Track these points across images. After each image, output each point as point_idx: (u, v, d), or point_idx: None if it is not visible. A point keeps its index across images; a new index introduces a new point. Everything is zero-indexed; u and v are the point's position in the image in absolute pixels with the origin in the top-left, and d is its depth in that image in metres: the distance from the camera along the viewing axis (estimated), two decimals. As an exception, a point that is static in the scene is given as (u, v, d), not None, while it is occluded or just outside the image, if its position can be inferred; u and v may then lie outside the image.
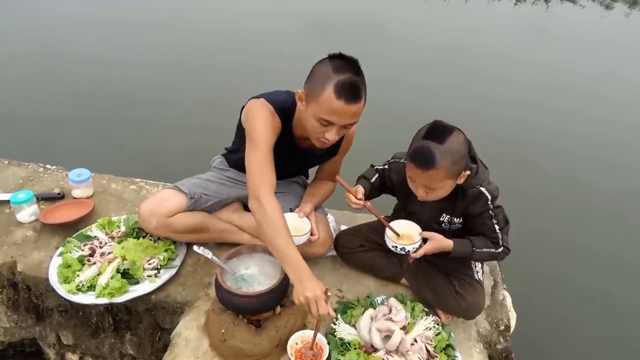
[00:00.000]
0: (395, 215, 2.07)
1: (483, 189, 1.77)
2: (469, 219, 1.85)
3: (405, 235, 1.87)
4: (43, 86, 4.82)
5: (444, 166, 1.62)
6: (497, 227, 1.82)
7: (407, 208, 1.96)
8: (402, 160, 1.94)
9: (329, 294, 1.62)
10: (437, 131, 1.65)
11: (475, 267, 1.97)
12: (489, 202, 1.78)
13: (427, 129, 1.67)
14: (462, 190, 1.78)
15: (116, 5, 6.90)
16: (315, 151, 1.98)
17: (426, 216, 1.90)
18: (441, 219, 1.88)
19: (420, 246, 1.82)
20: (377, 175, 2.00)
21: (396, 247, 1.83)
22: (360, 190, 1.89)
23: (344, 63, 1.71)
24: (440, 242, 1.82)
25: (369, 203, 1.87)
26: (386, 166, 2.00)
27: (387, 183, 2.00)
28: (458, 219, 1.87)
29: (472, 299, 1.87)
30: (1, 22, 6.02)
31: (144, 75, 5.16)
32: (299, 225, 1.95)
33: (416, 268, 2.03)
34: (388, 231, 1.86)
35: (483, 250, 1.83)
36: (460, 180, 1.73)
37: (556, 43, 7.38)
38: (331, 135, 1.76)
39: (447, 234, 1.87)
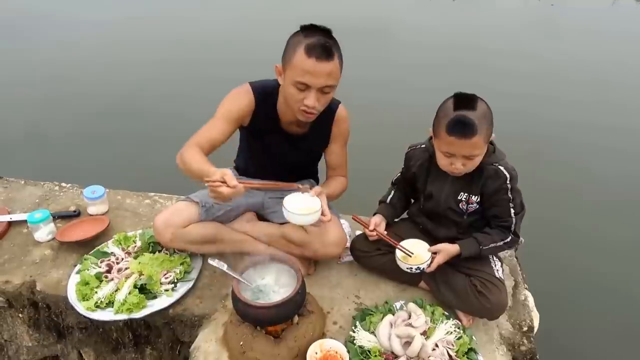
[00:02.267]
0: (412, 208, 2.09)
1: (500, 167, 1.79)
2: (485, 198, 1.85)
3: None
4: (54, 107, 4.90)
5: (483, 130, 1.66)
6: (512, 210, 1.82)
7: (427, 191, 1.95)
8: (419, 146, 1.98)
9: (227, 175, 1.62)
10: (465, 100, 1.69)
11: (495, 265, 1.94)
12: (507, 181, 1.79)
13: (454, 101, 1.69)
14: (478, 168, 1.80)
15: (124, 25, 6.98)
16: (306, 137, 1.98)
17: (444, 196, 1.90)
18: (459, 198, 1.88)
19: (433, 261, 1.87)
20: (393, 191, 2.08)
21: (411, 268, 1.87)
22: (373, 221, 1.97)
23: (315, 29, 1.78)
24: (448, 250, 1.87)
25: (384, 232, 1.95)
26: (404, 163, 2.03)
27: (409, 174, 2.01)
28: (475, 197, 1.86)
29: (495, 298, 1.83)
30: (17, 45, 6.14)
31: (153, 90, 5.21)
32: (309, 204, 1.85)
33: (434, 270, 2.01)
34: (398, 252, 1.90)
35: (490, 246, 1.86)
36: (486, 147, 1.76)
37: (566, 34, 7.28)
38: (310, 101, 1.78)
39: (464, 218, 1.90)
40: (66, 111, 4.86)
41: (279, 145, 1.99)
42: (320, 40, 1.74)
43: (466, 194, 1.86)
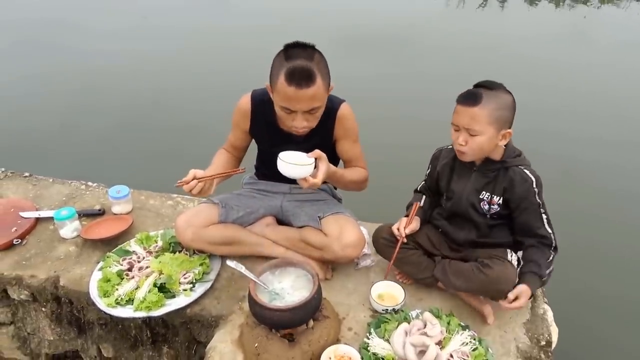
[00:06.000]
0: (434, 212, 2.08)
1: (525, 171, 1.79)
2: (512, 204, 1.83)
3: (387, 295, 1.98)
4: (84, 110, 5.03)
5: (489, 106, 1.69)
6: (544, 217, 1.81)
7: (449, 188, 1.95)
8: (447, 147, 2.00)
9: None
10: (488, 82, 1.74)
11: (512, 256, 1.91)
12: (534, 186, 1.78)
13: (478, 82, 1.76)
14: (503, 168, 1.81)
15: (155, 33, 7.12)
16: (307, 137, 1.99)
17: (465, 194, 1.89)
18: (480, 197, 1.86)
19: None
20: (424, 197, 2.08)
21: (386, 309, 1.92)
22: (411, 228, 1.97)
23: (297, 50, 1.78)
24: (526, 292, 1.80)
25: (404, 239, 1.94)
26: (430, 164, 2.05)
27: (434, 174, 2.02)
28: (498, 199, 1.84)
29: (498, 269, 1.81)
30: (49, 53, 6.32)
31: (182, 96, 5.30)
32: (302, 159, 1.83)
33: (446, 263, 1.99)
34: (373, 292, 1.97)
35: (547, 270, 1.83)
36: (501, 141, 1.77)
37: (598, 47, 7.13)
38: (298, 123, 1.83)
39: (486, 219, 1.88)
40: (95, 115, 4.98)
41: (281, 147, 1.99)
42: (299, 65, 1.73)
43: (488, 194, 1.85)
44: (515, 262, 1.90)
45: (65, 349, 2.38)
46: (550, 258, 1.84)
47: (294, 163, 1.79)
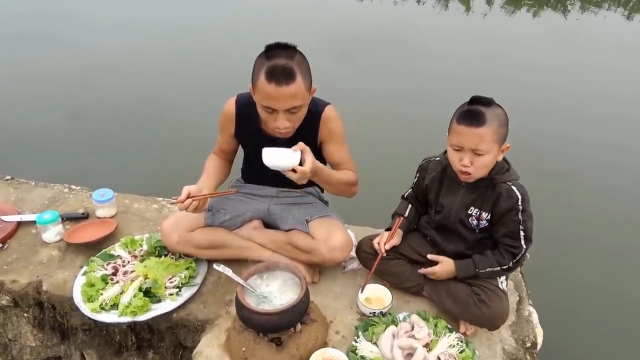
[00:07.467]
0: (422, 220, 2.08)
1: (513, 187, 1.79)
2: (496, 218, 1.84)
3: (374, 298, 1.98)
4: (66, 111, 4.96)
5: (493, 125, 1.68)
6: (522, 234, 1.81)
7: (438, 202, 1.96)
8: (434, 158, 2.00)
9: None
10: (481, 99, 1.73)
11: (500, 277, 1.93)
12: (519, 202, 1.78)
13: (471, 99, 1.75)
14: (492, 184, 1.81)
15: (143, 31, 7.06)
16: (292, 140, 1.92)
17: (455, 210, 1.89)
18: (469, 212, 1.87)
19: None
20: (410, 206, 2.07)
21: (374, 312, 1.92)
22: (392, 243, 1.98)
23: (278, 50, 1.79)
24: (448, 265, 1.91)
25: (383, 254, 1.95)
26: (418, 174, 2.04)
27: (422, 186, 2.02)
28: (486, 215, 1.85)
29: (495, 306, 1.83)
30: (32, 50, 6.23)
31: (166, 98, 5.25)
32: (288, 151, 1.79)
33: (437, 280, 2.00)
34: (361, 296, 1.97)
35: (487, 270, 1.86)
36: (500, 156, 1.78)
37: (590, 49, 7.22)
38: (280, 123, 1.84)
39: (475, 234, 1.89)
40: (77, 116, 4.91)
41: (259, 144, 1.94)
42: (279, 63, 1.74)
43: (477, 210, 1.85)
44: (506, 287, 1.93)
45: (48, 355, 2.34)
46: (499, 268, 1.85)
47: (278, 154, 1.77)
